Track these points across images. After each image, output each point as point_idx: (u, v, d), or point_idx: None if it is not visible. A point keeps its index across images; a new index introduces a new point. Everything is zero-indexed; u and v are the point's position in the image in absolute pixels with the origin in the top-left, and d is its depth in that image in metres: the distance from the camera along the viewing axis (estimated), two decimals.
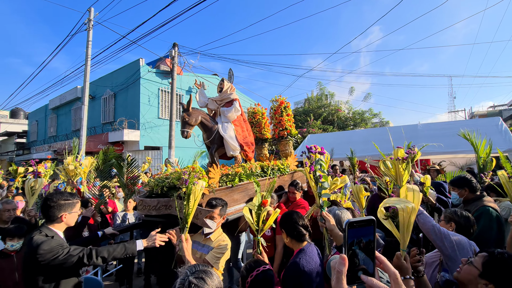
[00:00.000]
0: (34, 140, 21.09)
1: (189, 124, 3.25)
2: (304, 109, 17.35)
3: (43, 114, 20.20)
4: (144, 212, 2.64)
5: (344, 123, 16.54)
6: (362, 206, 2.39)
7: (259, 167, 3.45)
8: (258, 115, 4.97)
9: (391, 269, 0.68)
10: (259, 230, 1.97)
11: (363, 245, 0.65)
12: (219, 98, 3.83)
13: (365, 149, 8.27)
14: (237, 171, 2.97)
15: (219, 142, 3.52)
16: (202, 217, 2.12)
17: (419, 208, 2.02)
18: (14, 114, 27.53)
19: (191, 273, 1.13)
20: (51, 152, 15.96)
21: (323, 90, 18.59)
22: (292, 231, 1.88)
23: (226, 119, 3.69)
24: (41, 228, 1.83)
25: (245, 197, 3.04)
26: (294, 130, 4.63)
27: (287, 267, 1.74)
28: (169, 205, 2.46)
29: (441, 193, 3.50)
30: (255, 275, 1.53)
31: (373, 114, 17.37)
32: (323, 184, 2.00)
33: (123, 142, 12.74)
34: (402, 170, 2.33)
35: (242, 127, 3.90)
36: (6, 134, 24.09)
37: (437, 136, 7.26)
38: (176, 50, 10.43)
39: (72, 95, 16.11)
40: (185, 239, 1.86)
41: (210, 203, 2.20)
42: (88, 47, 8.40)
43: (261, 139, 4.89)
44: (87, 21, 8.41)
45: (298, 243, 1.87)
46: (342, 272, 0.62)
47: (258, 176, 3.30)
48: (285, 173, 3.85)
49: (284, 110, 4.65)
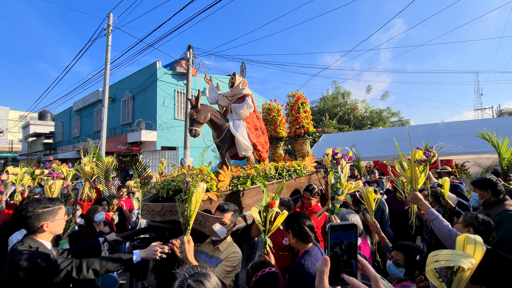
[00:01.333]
0: (60, 141, 22.26)
1: (198, 122, 3.04)
2: (319, 109, 17.09)
3: (67, 116, 21.28)
4: (148, 218, 2.44)
5: (361, 123, 16.11)
6: (372, 209, 2.30)
7: (273, 168, 3.19)
8: (273, 112, 4.68)
9: (372, 272, 0.72)
10: (266, 231, 1.96)
11: (344, 247, 0.69)
12: (230, 94, 3.59)
13: (382, 149, 8.02)
14: (249, 173, 2.72)
15: (230, 141, 3.28)
16: (210, 225, 1.93)
17: (434, 212, 1.93)
18: (42, 116, 29.22)
19: (190, 276, 1.11)
20: (75, 152, 16.78)
21: (339, 89, 18.23)
22: (298, 231, 1.86)
23: (237, 116, 3.43)
24: (24, 239, 1.65)
25: (258, 202, 2.75)
26: (312, 128, 4.32)
27: (292, 268, 1.74)
28: (174, 211, 2.23)
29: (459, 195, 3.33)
30: (260, 275, 1.53)
31: (392, 113, 16.80)
32: (338, 190, 1.96)
33: (141, 143, 13.16)
34: (418, 173, 2.23)
35: (255, 125, 3.62)
36: (35, 135, 25.62)
37: (459, 135, 6.90)
38: (191, 52, 10.62)
39: (94, 98, 16.85)
40: (187, 241, 1.78)
41: (221, 208, 2.04)
42: (108, 52, 8.75)
43: (276, 138, 4.61)
44: (106, 26, 8.75)
45: (304, 244, 1.86)
46: (324, 272, 0.67)
47: (272, 178, 3.05)
48: (302, 175, 3.55)
49: (301, 107, 4.33)
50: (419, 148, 2.28)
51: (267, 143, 3.82)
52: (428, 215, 1.96)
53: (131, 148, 13.03)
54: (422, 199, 2.10)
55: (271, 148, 4.57)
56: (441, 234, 1.82)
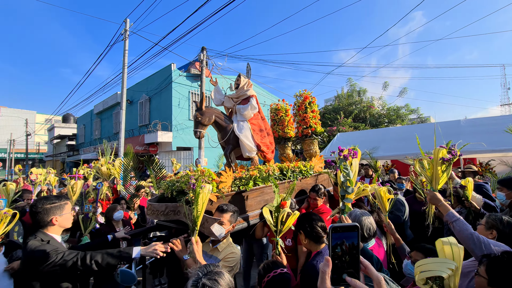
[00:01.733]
0: (82, 142, 23.28)
1: (202, 124, 3.10)
2: (334, 107, 16.79)
3: (89, 118, 22.21)
4: (153, 217, 2.56)
5: (377, 121, 15.68)
6: (386, 209, 2.23)
7: (278, 169, 3.18)
8: (281, 112, 4.61)
9: (374, 273, 0.72)
10: (277, 231, 1.96)
11: (346, 248, 0.70)
12: (235, 95, 3.61)
13: (400, 147, 7.77)
14: (251, 174, 2.72)
15: (234, 142, 3.32)
16: (209, 225, 1.96)
17: (454, 214, 1.85)
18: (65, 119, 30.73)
19: (204, 275, 1.13)
20: (96, 153, 17.48)
21: (354, 87, 17.83)
22: (310, 232, 1.84)
23: (242, 117, 3.45)
24: (37, 233, 1.80)
25: (260, 202, 2.79)
26: (320, 128, 4.24)
27: (303, 269, 1.72)
28: (177, 211, 2.28)
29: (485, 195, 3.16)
30: (272, 276, 1.53)
31: (410, 110, 16.22)
32: (347, 188, 1.91)
33: (158, 144, 13.50)
34: (440, 172, 2.12)
35: (259, 126, 3.62)
36: (59, 137, 26.96)
37: (483, 132, 6.55)
38: (204, 54, 10.76)
39: (113, 100, 17.47)
40: (195, 242, 1.80)
41: (221, 208, 2.07)
42: (125, 56, 9.04)
43: (284, 138, 4.55)
44: (123, 31, 9.04)
45: (316, 244, 1.84)
46: (326, 272, 0.68)
47: (276, 179, 3.02)
48: (308, 176, 3.50)
49: (308, 106, 4.25)
50: (443, 147, 2.18)
51: (272, 144, 3.81)
52: (448, 216, 1.87)
53: (148, 149, 13.40)
54: (442, 200, 2.00)
55: (279, 148, 4.58)
56: (462, 237, 1.73)
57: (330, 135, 13.91)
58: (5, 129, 44.81)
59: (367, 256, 1.69)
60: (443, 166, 2.12)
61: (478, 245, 1.65)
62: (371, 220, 1.91)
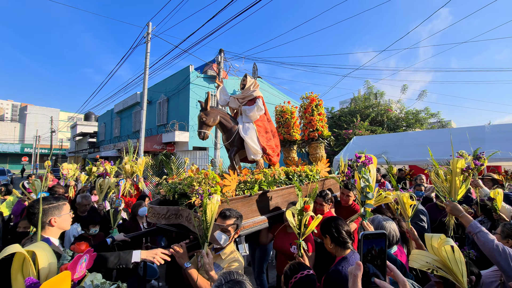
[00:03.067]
0: (102, 140, 24.20)
1: (207, 125, 3.03)
2: (350, 110, 16.55)
3: (109, 117, 23.07)
4: (154, 220, 2.43)
5: (395, 124, 15.30)
6: (408, 216, 2.21)
7: (283, 173, 3.06)
8: (286, 114, 4.50)
9: (400, 276, 0.78)
10: (301, 234, 2.00)
11: (375, 252, 0.77)
12: (241, 96, 3.52)
13: (419, 152, 7.57)
14: (257, 178, 2.59)
15: (239, 144, 3.21)
16: (212, 232, 1.87)
17: (477, 225, 1.82)
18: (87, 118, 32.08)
19: (226, 282, 1.14)
20: (115, 151, 18.14)
21: (371, 89, 17.49)
22: (336, 237, 1.84)
23: (247, 119, 3.35)
24: (33, 235, 1.73)
25: (266, 207, 2.66)
26: (327, 131, 4.12)
27: (328, 274, 1.73)
28: (179, 214, 2.18)
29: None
30: (299, 277, 1.59)
31: (430, 113, 15.71)
32: (368, 194, 1.94)
33: (175, 143, 13.86)
34: (458, 183, 2.06)
35: (265, 128, 3.51)
36: (81, 135, 28.17)
37: (510, 139, 6.29)
38: (222, 56, 10.96)
39: (133, 100, 18.07)
40: (205, 254, 1.71)
41: (223, 214, 1.96)
42: (147, 58, 9.37)
43: (289, 141, 4.44)
44: (146, 34, 9.38)
45: (342, 250, 1.84)
46: (357, 275, 0.74)
47: (282, 183, 2.92)
48: (314, 180, 3.34)
49: (315, 109, 4.13)
50: (461, 156, 2.13)
51: (278, 146, 3.72)
52: (471, 228, 1.84)
53: (166, 148, 13.77)
54: (462, 210, 1.98)
55: (284, 151, 4.50)
56: (486, 248, 1.71)
57: (346, 138, 13.74)
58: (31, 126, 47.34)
59: (391, 260, 1.71)
60: (461, 176, 2.06)
61: (504, 257, 1.63)
62: (395, 227, 1.92)
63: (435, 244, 1.34)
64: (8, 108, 73.68)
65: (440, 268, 1.32)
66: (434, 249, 1.35)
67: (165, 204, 2.45)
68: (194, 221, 1.95)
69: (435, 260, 1.33)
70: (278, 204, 2.81)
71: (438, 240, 1.34)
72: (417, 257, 1.39)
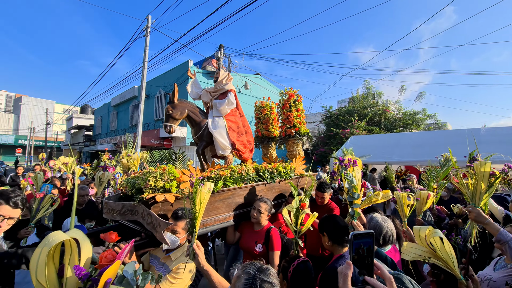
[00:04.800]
0: (98, 133, 24.01)
1: (173, 118, 2.91)
2: (348, 109, 16.61)
3: (106, 110, 22.87)
4: (109, 216, 2.26)
5: (393, 125, 15.41)
6: (406, 216, 2.24)
7: (253, 169, 2.91)
8: (265, 110, 4.39)
9: (386, 273, 0.81)
10: (297, 232, 2.03)
11: (362, 251, 0.80)
12: (213, 89, 3.41)
13: (415, 153, 7.67)
14: (221, 174, 2.46)
15: (208, 139, 3.10)
16: (161, 230, 1.72)
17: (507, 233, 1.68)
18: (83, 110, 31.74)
19: (257, 272, 1.11)
20: (112, 145, 18.02)
21: (370, 89, 17.56)
22: (334, 235, 1.85)
23: (218, 113, 3.22)
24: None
25: (230, 205, 2.49)
26: (304, 128, 4.01)
27: (325, 270, 1.76)
28: (134, 211, 2.03)
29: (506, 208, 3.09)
30: (296, 264, 1.63)
31: (427, 115, 15.84)
32: (354, 195, 1.98)
33: (172, 138, 13.80)
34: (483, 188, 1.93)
35: (236, 123, 3.36)
36: (77, 127, 27.89)
37: (504, 142, 6.39)
38: (222, 52, 10.92)
39: (130, 94, 17.93)
40: (196, 246, 1.56)
41: (175, 215, 1.84)
42: (146, 52, 9.29)
43: (268, 138, 4.32)
44: (145, 27, 9.29)
45: (339, 248, 1.85)
46: (347, 275, 0.76)
47: (250, 180, 2.75)
48: (287, 178, 3.18)
49: (293, 105, 4.02)
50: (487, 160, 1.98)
51: (251, 143, 3.58)
52: (501, 236, 1.65)
53: (163, 143, 13.73)
54: (488, 217, 1.80)
55: (263, 148, 4.43)
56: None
57: (343, 137, 13.82)
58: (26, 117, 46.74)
59: (381, 257, 1.75)
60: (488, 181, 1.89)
61: None
62: (392, 227, 1.95)
63: (423, 236, 1.38)
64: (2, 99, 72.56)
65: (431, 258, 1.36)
66: (422, 241, 1.38)
67: (125, 200, 2.31)
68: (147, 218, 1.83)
69: (426, 251, 1.37)
70: (246, 201, 2.67)
71: (426, 232, 1.37)
72: (409, 250, 1.43)
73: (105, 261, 1.35)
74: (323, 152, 15.21)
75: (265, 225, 2.43)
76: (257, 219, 2.38)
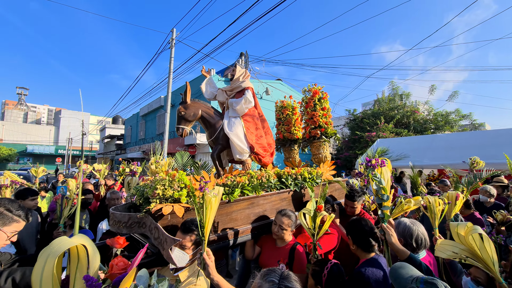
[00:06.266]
0: (128, 142, 25.36)
1: (186, 120, 2.69)
2: (373, 111, 16.04)
3: (135, 120, 24.14)
4: (115, 229, 1.95)
5: (423, 127, 14.59)
6: (437, 223, 2.06)
7: (275, 175, 2.59)
8: (287, 110, 3.99)
9: None
10: (315, 235, 1.97)
11: None
12: (229, 88, 3.14)
13: (449, 156, 7.18)
14: (238, 181, 2.19)
15: (224, 142, 2.82)
16: (168, 247, 1.49)
17: None
18: (115, 121, 33.78)
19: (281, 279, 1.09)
20: (140, 153, 18.95)
21: (396, 90, 16.85)
22: (360, 239, 1.81)
23: (234, 113, 2.94)
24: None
25: (249, 216, 2.20)
26: (332, 129, 3.55)
27: (351, 275, 1.72)
28: (142, 223, 1.80)
29: None
30: (330, 267, 1.59)
31: (462, 115, 14.82)
32: (383, 196, 1.89)
33: (196, 145, 14.21)
34: None
35: (255, 124, 3.08)
36: (109, 137, 29.71)
37: None
38: (242, 59, 11.13)
39: (157, 104, 18.80)
40: (206, 255, 1.44)
41: (183, 227, 1.63)
42: (171, 63, 9.74)
43: (290, 140, 3.93)
44: (170, 40, 9.76)
45: (365, 253, 1.80)
46: None
47: (272, 187, 2.44)
48: (314, 185, 2.82)
49: (318, 103, 3.55)
50: None
51: (271, 146, 3.27)
52: None
53: (188, 150, 14.17)
54: None
55: (284, 152, 4.06)
56: None
57: (369, 140, 13.34)
58: (65, 129, 50.73)
59: (415, 263, 1.65)
60: None
61: None
62: (423, 230, 1.85)
63: (462, 233, 1.29)
64: (45, 113, 79.67)
65: (468, 257, 1.27)
66: (460, 238, 1.29)
67: (135, 210, 2.09)
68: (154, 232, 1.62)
69: (463, 249, 1.28)
70: (267, 212, 2.35)
71: (465, 229, 1.28)
72: (444, 247, 1.35)
73: (116, 270, 1.23)
74: (348, 157, 14.76)
75: (290, 241, 2.13)
76: (279, 235, 2.08)
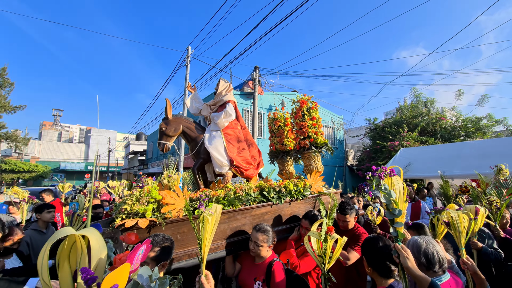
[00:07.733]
0: (150, 158, 26.21)
1: (167, 135, 2.77)
2: (395, 120, 15.32)
3: (156, 136, 25.01)
4: None
5: (451, 134, 13.64)
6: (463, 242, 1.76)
7: (255, 188, 2.53)
8: (279, 122, 3.98)
9: None
10: (325, 265, 1.69)
11: None
12: (213, 102, 3.21)
13: (482, 165, 6.55)
14: (213, 195, 2.14)
15: (205, 155, 2.85)
16: None
17: None
18: (138, 137, 35.32)
19: None
20: (161, 167, 19.42)
21: (419, 97, 16.06)
22: (377, 262, 1.57)
23: (215, 126, 2.98)
24: None
25: (226, 231, 2.16)
26: (322, 139, 3.45)
27: None
28: (114, 238, 1.80)
29: None
30: None
31: (494, 120, 13.70)
32: (394, 211, 1.61)
33: None
34: None
35: (237, 137, 3.09)
36: (133, 153, 30.95)
37: None
38: (257, 73, 11.22)
39: None
40: (204, 278, 1.41)
41: None
42: (186, 79, 10.04)
43: (282, 152, 3.90)
44: (186, 57, 10.11)
45: (382, 278, 1.55)
46: None
47: (252, 201, 2.37)
48: (300, 198, 2.74)
49: (306, 113, 3.51)
50: None
51: (256, 158, 3.24)
52: None
53: None
54: None
55: (278, 164, 4.01)
56: None
57: (392, 150, 12.69)
58: (94, 146, 53.78)
59: None
60: None
61: None
62: (439, 249, 1.56)
63: None
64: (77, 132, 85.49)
65: None
66: None
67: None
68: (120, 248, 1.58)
69: None
70: (245, 227, 2.31)
71: None
72: None
73: (119, 264, 1.20)
74: (369, 168, 14.08)
75: (268, 256, 2.05)
76: (255, 252, 2.03)
